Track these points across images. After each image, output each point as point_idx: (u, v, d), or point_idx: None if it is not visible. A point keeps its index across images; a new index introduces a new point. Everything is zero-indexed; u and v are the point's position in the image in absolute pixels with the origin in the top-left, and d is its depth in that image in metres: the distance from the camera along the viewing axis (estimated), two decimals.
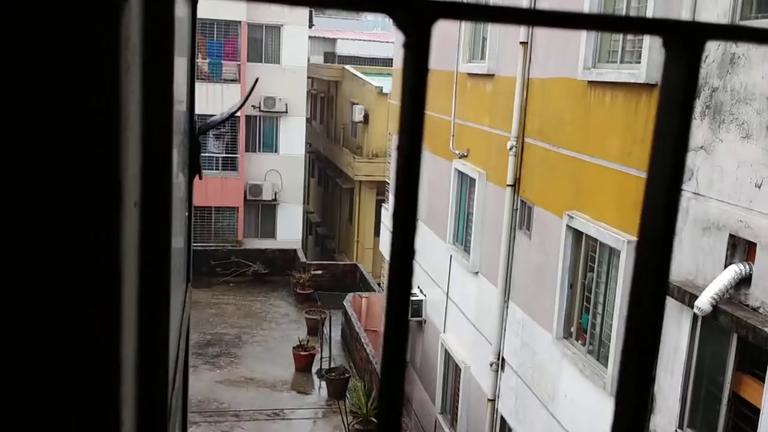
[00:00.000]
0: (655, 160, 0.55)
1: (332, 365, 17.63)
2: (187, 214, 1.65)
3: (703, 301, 6.27)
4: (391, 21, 0.51)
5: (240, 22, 25.69)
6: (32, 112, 0.45)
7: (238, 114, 25.51)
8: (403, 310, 0.48)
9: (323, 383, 17.33)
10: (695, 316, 6.67)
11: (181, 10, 1.27)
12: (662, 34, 0.52)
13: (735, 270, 6.22)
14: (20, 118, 0.45)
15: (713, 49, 6.65)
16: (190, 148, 1.57)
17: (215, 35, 25.89)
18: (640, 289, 0.52)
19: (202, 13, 24.58)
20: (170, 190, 0.81)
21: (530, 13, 0.50)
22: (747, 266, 6.19)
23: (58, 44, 0.44)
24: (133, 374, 0.72)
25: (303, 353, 17.99)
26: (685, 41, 0.51)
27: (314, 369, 18.07)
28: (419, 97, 0.51)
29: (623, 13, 8.32)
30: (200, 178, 1.74)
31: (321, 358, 17.88)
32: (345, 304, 19.71)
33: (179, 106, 1.35)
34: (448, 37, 13.59)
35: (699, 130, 6.83)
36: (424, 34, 0.50)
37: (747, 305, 6.18)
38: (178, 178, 1.42)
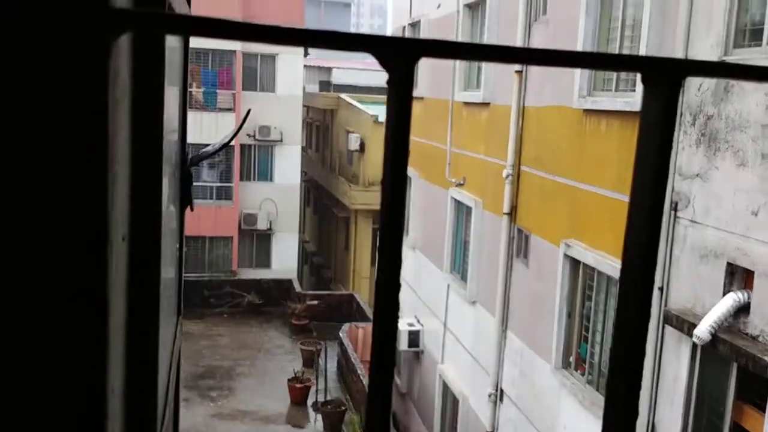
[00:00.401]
0: (636, 196, 0.55)
1: (328, 398, 17.45)
2: (178, 246, 1.64)
3: (702, 330, 6.24)
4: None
5: (235, 51, 25.87)
6: (19, 148, 0.45)
7: (233, 143, 25.58)
8: (391, 333, 0.48)
9: (319, 416, 17.13)
10: (694, 345, 6.63)
11: (173, 41, 1.27)
12: (641, 71, 0.52)
13: (733, 298, 6.20)
14: (7, 153, 0.44)
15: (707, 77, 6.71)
16: (182, 180, 1.56)
17: (210, 64, 26.06)
18: (625, 317, 0.52)
19: (196, 42, 24.75)
20: (159, 223, 0.81)
21: (510, 50, 0.49)
22: (745, 294, 6.18)
23: (46, 80, 0.43)
24: (121, 409, 0.70)
25: (298, 385, 17.81)
26: (663, 78, 0.51)
27: (310, 402, 17.88)
28: (403, 131, 0.51)
29: (618, 42, 8.41)
30: (191, 210, 1.73)
31: (317, 390, 17.70)
32: (341, 334, 19.58)
33: (171, 137, 1.35)
34: (443, 66, 13.70)
35: (695, 158, 6.86)
36: (406, 72, 0.50)
37: (746, 334, 6.15)
38: (169, 210, 1.41)
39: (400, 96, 0.49)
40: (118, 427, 0.69)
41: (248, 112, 4.12)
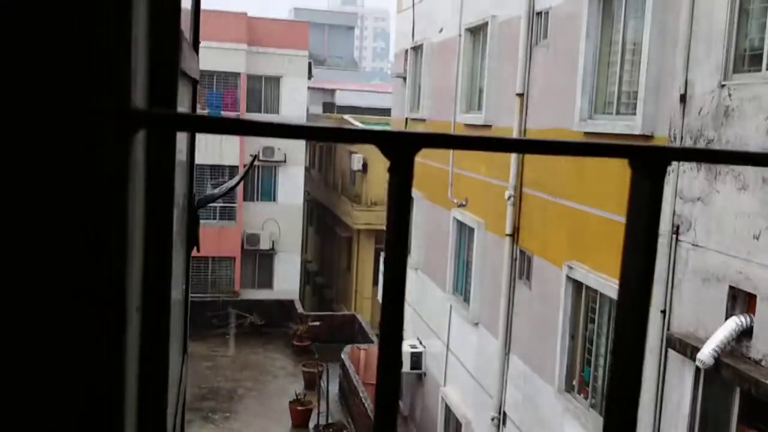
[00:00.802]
0: (626, 272, 0.57)
1: (330, 420, 17.35)
2: (184, 286, 1.66)
3: (705, 354, 6.22)
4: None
5: (239, 73, 26.05)
6: (45, 231, 0.47)
7: (237, 163, 25.68)
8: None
9: None
10: (698, 369, 6.61)
11: (180, 96, 1.31)
12: (629, 157, 0.55)
13: (736, 322, 6.19)
14: (33, 233, 0.47)
15: (707, 101, 6.75)
16: (189, 222, 1.59)
17: (215, 86, 26.24)
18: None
19: (202, 65, 24.92)
20: (170, 292, 0.83)
21: (505, 141, 0.52)
22: (748, 318, 6.17)
23: (71, 180, 0.46)
24: None
25: (300, 408, 17.72)
26: (649, 164, 0.54)
27: (311, 424, 17.77)
28: (403, 215, 0.54)
29: (618, 65, 8.47)
30: (198, 251, 1.76)
31: (318, 413, 17.60)
32: (343, 356, 19.50)
33: (181, 184, 1.38)
34: (445, 89, 13.79)
35: (696, 181, 6.88)
36: (407, 161, 0.53)
37: (749, 358, 6.13)
38: (177, 252, 1.44)
39: (401, 183, 0.52)
40: None
41: (253, 158, 4.19)
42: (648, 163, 0.56)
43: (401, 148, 0.53)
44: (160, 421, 0.80)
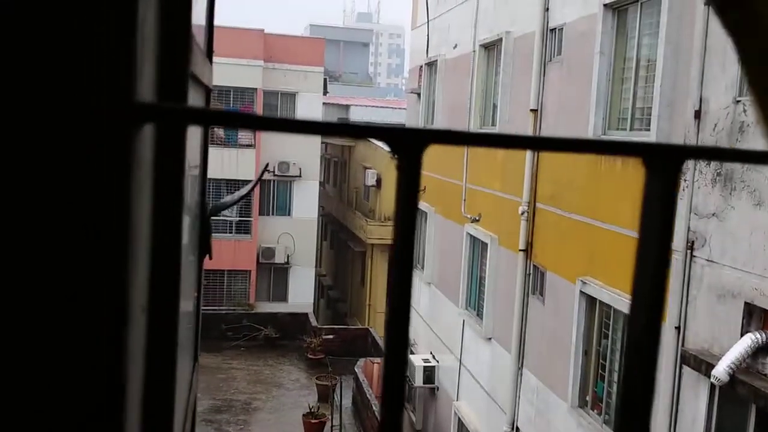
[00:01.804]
0: (637, 279, 0.57)
1: None
2: (196, 294, 1.67)
3: (720, 371, 6.16)
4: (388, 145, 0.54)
5: (256, 89, 26.25)
6: (44, 232, 0.48)
7: (252, 178, 25.79)
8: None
9: None
10: (713, 386, 6.54)
11: (194, 102, 1.32)
12: (642, 156, 0.55)
13: (751, 338, 6.13)
14: (32, 234, 0.48)
15: (722, 117, 6.73)
16: (201, 230, 1.61)
17: (231, 102, 26.43)
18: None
19: (218, 80, 25.15)
20: (178, 293, 0.84)
21: (515, 138, 0.53)
22: (764, 335, 6.11)
23: (72, 172, 0.47)
24: None
25: (313, 421, 17.68)
26: (663, 162, 0.54)
27: None
28: (410, 213, 0.54)
29: (632, 81, 8.45)
30: (210, 258, 1.78)
31: (332, 426, 17.56)
32: (356, 369, 19.46)
33: (193, 192, 1.40)
34: (459, 104, 13.81)
35: (711, 197, 6.84)
36: (415, 158, 0.54)
37: (765, 375, 6.07)
38: (188, 260, 1.45)
39: (408, 180, 0.53)
40: None
41: (266, 166, 4.22)
42: (662, 162, 0.56)
43: (410, 144, 0.53)
44: (166, 425, 0.80)
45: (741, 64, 0.49)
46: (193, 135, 1.36)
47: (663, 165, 0.54)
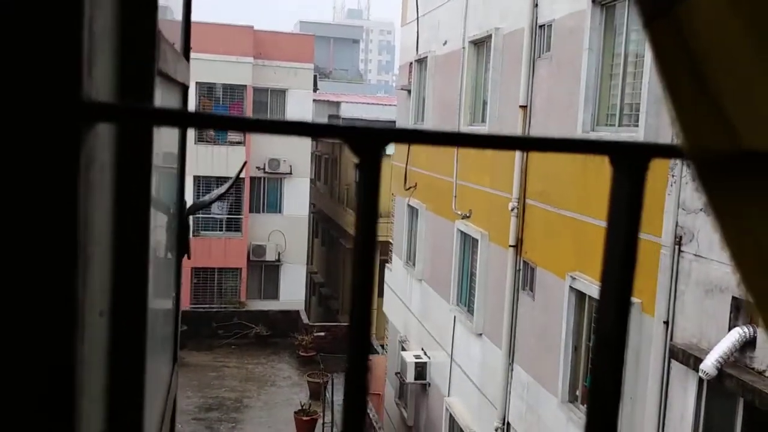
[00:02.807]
0: (607, 271, 0.56)
1: (335, 431, 17.31)
2: (174, 294, 1.66)
3: (708, 365, 6.19)
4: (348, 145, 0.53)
5: (246, 86, 26.17)
6: None
7: (243, 175, 25.75)
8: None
9: None
10: (701, 380, 6.57)
11: (169, 100, 1.30)
12: (609, 154, 0.54)
13: (739, 333, 6.16)
14: None
15: None
16: (179, 230, 1.59)
17: (221, 99, 26.35)
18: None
19: (208, 77, 25.09)
20: (145, 296, 0.83)
21: (472, 137, 0.52)
22: (751, 329, 6.14)
23: (18, 169, 0.46)
24: None
25: (305, 418, 17.68)
26: (630, 160, 0.53)
27: None
28: (371, 212, 0.53)
29: (620, 78, 8.47)
30: (188, 258, 1.76)
31: (323, 423, 17.57)
32: None
33: (169, 190, 1.38)
34: (449, 101, 13.81)
35: (698, 193, 6.86)
36: (375, 157, 0.53)
37: (752, 368, 6.09)
38: (166, 260, 1.44)
39: (369, 179, 0.52)
40: None
41: (244, 163, 4.19)
42: (629, 160, 0.55)
43: (369, 143, 0.52)
44: (134, 427, 0.79)
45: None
46: (169, 134, 1.34)
47: (630, 163, 0.53)
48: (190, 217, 1.91)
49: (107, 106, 0.48)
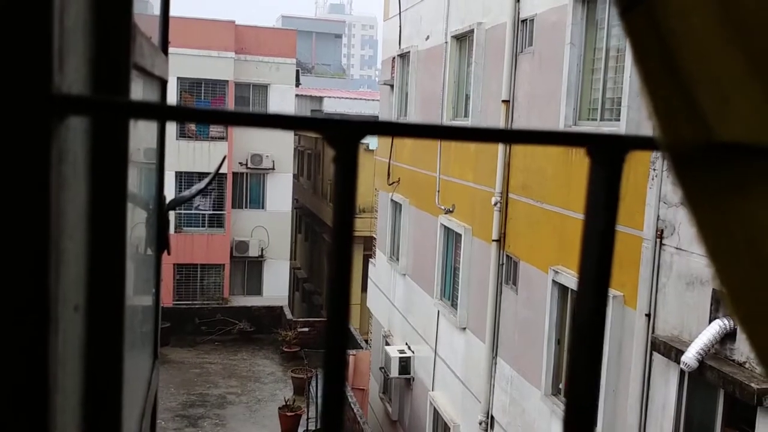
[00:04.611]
0: (584, 263, 0.56)
1: (319, 426, 17.31)
2: (154, 290, 1.65)
3: (690, 357, 6.25)
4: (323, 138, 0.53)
5: (227, 81, 26.04)
6: None
7: (225, 171, 25.63)
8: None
9: None
10: (682, 372, 6.64)
11: (147, 95, 1.29)
12: (587, 145, 0.54)
13: (720, 325, 6.23)
14: None
15: None
16: (158, 225, 1.58)
17: (203, 94, 26.19)
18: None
19: (189, 72, 24.94)
20: (122, 286, 0.82)
21: (450, 129, 0.51)
22: (731, 321, 6.20)
23: None
24: None
25: (289, 414, 17.67)
26: (607, 152, 0.53)
27: (300, 430, 17.73)
28: (348, 204, 0.53)
29: (602, 72, 8.51)
30: (168, 254, 1.74)
31: (308, 418, 17.57)
32: None
33: (147, 186, 1.37)
34: (432, 95, 13.82)
35: (674, 185, 6.91)
36: (351, 149, 0.53)
37: (733, 360, 6.16)
38: (146, 255, 1.42)
39: (345, 171, 0.52)
40: None
41: (224, 158, 4.17)
42: (606, 152, 0.55)
43: (345, 135, 0.52)
44: (112, 424, 0.78)
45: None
46: (148, 129, 1.33)
47: (607, 155, 0.53)
48: (170, 213, 1.90)
49: (78, 99, 0.47)
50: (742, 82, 0.42)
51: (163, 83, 1.57)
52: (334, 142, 0.52)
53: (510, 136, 0.54)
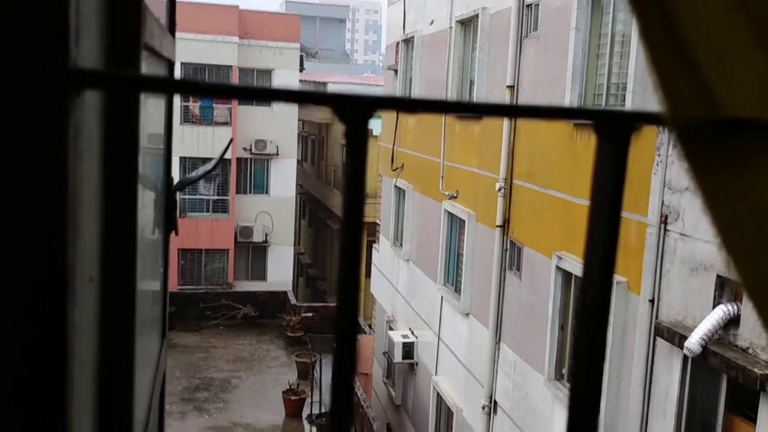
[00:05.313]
0: (591, 238, 0.57)
1: (323, 410, 17.42)
2: (162, 270, 1.66)
3: (693, 342, 6.26)
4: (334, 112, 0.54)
5: (231, 66, 25.97)
6: None
7: (229, 156, 25.62)
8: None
9: (314, 428, 17.08)
10: (685, 357, 6.65)
11: (159, 72, 1.30)
12: (592, 120, 0.55)
13: (723, 310, 6.23)
14: None
15: None
16: (166, 205, 1.59)
17: (207, 79, 26.08)
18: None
19: (193, 57, 24.87)
20: (134, 260, 0.83)
21: (459, 105, 0.52)
22: (735, 306, 6.21)
23: (5, 135, 0.46)
24: None
25: (293, 398, 17.78)
26: (613, 127, 0.54)
27: (305, 414, 17.84)
28: (359, 179, 0.54)
29: (607, 57, 8.47)
30: (176, 234, 1.76)
31: (311, 402, 17.67)
32: None
33: (154, 167, 1.38)
34: (436, 81, 13.78)
35: (684, 172, 6.90)
36: (362, 124, 0.53)
37: (736, 346, 6.18)
38: (153, 236, 1.44)
39: (356, 146, 0.52)
40: None
41: (230, 140, 4.19)
42: (612, 127, 0.56)
43: (357, 110, 0.52)
44: (125, 393, 0.79)
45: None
46: (156, 110, 1.33)
47: (614, 130, 0.54)
48: (177, 194, 1.91)
49: (93, 73, 0.48)
50: (746, 54, 0.42)
51: (170, 64, 1.58)
52: (345, 117, 0.53)
53: (517, 111, 0.55)
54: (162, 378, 1.63)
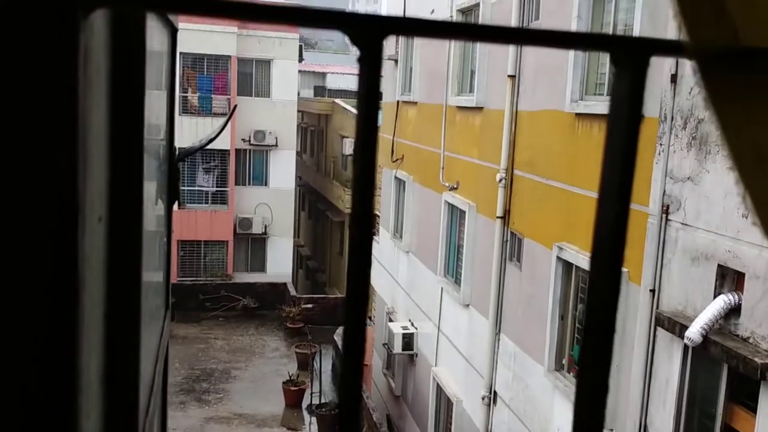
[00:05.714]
0: (606, 175, 0.56)
1: (323, 400, 17.45)
2: (166, 240, 1.65)
3: (694, 332, 6.26)
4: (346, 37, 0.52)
5: (230, 56, 25.90)
6: None
7: (228, 147, 25.58)
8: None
9: (314, 419, 17.12)
10: (686, 347, 6.65)
11: (159, 42, 1.29)
12: (609, 49, 0.53)
13: (724, 300, 6.23)
14: None
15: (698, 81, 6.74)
16: (169, 175, 1.58)
17: (205, 70, 26.06)
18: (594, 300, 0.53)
19: (192, 47, 24.81)
20: (141, 205, 0.82)
21: (474, 27, 0.51)
22: (736, 296, 6.20)
23: (13, 56, 0.45)
24: (98, 402, 0.71)
25: (293, 388, 17.81)
26: (631, 56, 0.52)
27: (304, 404, 17.87)
28: (372, 107, 0.52)
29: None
30: (179, 206, 1.75)
31: (311, 393, 17.70)
32: (335, 338, 19.58)
33: (157, 134, 1.36)
34: (437, 71, 13.74)
35: (686, 161, 6.89)
36: (375, 48, 0.52)
37: (737, 335, 6.17)
38: (157, 204, 1.42)
39: (369, 72, 0.51)
40: (94, 421, 0.70)
41: (234, 107, 4.17)
42: (630, 54, 0.54)
43: (370, 32, 0.51)
44: (132, 339, 0.78)
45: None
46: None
47: (631, 59, 0.52)
48: (180, 164, 1.90)
49: None
50: None
51: (173, 32, 1.56)
52: (358, 40, 0.51)
53: (531, 37, 0.54)
54: (165, 347, 1.62)
